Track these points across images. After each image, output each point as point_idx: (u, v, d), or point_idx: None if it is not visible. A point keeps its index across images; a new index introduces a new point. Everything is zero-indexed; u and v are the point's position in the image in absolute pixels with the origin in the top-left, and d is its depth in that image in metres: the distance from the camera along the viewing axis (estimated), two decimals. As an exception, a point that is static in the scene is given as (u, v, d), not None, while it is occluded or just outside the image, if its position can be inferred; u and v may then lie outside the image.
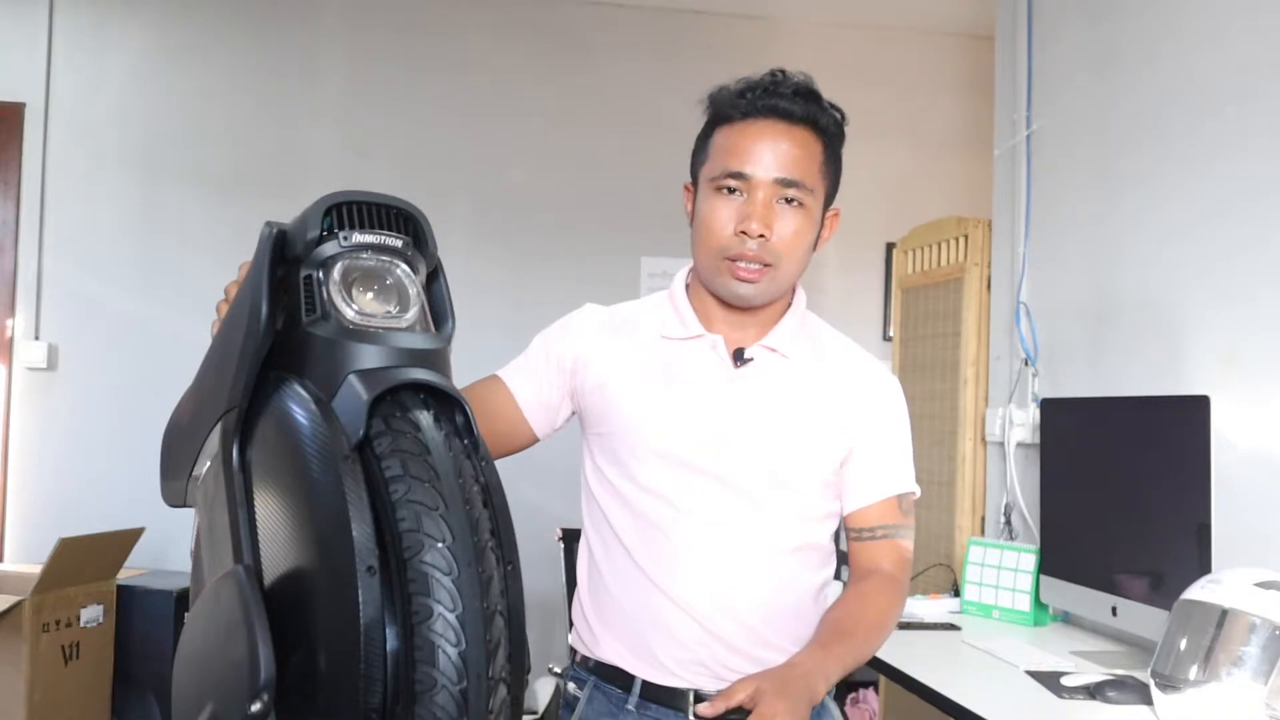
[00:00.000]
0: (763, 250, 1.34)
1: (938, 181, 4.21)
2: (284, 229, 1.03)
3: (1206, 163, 2.23)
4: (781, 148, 1.35)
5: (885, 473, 1.44)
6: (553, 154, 4.17)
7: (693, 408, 1.38)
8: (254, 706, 0.88)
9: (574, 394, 1.45)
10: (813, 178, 1.37)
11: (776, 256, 1.35)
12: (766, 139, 1.35)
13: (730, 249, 1.35)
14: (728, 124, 1.38)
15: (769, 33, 4.28)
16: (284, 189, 3.89)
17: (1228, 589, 1.74)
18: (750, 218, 1.33)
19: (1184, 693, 1.73)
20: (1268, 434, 2.03)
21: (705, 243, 1.38)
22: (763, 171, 1.34)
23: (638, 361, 1.42)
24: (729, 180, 1.35)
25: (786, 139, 1.36)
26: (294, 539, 0.94)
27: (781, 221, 1.35)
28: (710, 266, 1.38)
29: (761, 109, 1.36)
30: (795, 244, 1.36)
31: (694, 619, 1.35)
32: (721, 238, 1.35)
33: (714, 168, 1.37)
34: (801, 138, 1.36)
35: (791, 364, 1.42)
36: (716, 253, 1.36)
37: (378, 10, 4.12)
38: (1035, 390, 2.76)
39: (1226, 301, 2.16)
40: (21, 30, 3.88)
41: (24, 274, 3.85)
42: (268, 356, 1.01)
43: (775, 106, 1.36)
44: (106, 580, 3.31)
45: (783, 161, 1.35)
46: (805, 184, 1.36)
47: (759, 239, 1.33)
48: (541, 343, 1.48)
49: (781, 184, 1.34)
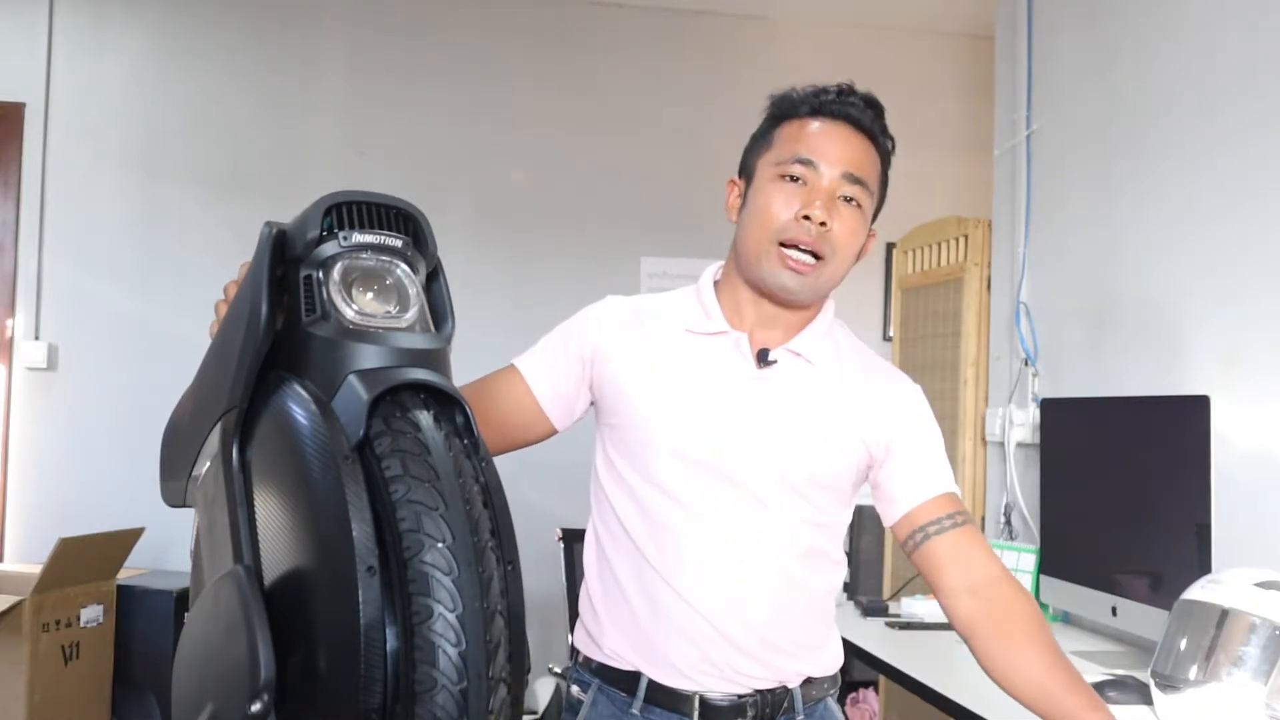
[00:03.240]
0: (820, 240, 1.34)
1: (938, 181, 4.21)
2: (284, 229, 1.03)
3: (1206, 163, 2.23)
4: (851, 146, 1.37)
5: (938, 469, 1.42)
6: (553, 154, 4.17)
7: (710, 406, 1.36)
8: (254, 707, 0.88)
9: (592, 384, 1.44)
10: (874, 182, 1.39)
11: (832, 249, 1.35)
12: (837, 135, 1.37)
13: (788, 231, 1.34)
14: (796, 119, 1.39)
15: (769, 33, 4.28)
16: (284, 189, 3.89)
17: (1228, 589, 1.74)
18: (814, 204, 1.33)
19: (1184, 693, 1.73)
20: (1268, 434, 2.03)
21: (762, 226, 1.36)
22: (831, 163, 1.35)
23: (658, 355, 1.40)
24: (796, 167, 1.35)
25: (856, 142, 1.37)
26: (294, 539, 0.94)
27: (840, 218, 1.35)
28: (759, 253, 1.36)
29: (833, 110, 1.38)
30: (849, 242, 1.37)
31: (704, 619, 1.34)
32: (781, 220, 1.34)
33: (780, 154, 1.37)
34: (867, 146, 1.38)
35: (815, 370, 1.40)
36: (773, 235, 1.35)
37: (378, 10, 4.12)
38: (1035, 390, 2.76)
39: (1226, 301, 2.16)
40: (21, 30, 3.88)
41: (24, 274, 3.85)
42: (268, 356, 1.01)
43: (847, 112, 1.38)
44: (106, 580, 3.31)
45: (851, 157, 1.36)
46: (868, 185, 1.37)
47: (820, 226, 1.33)
48: (561, 334, 1.46)
49: (848, 179, 1.35)
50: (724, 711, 1.35)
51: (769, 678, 1.37)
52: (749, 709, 1.36)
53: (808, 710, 1.40)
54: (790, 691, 1.38)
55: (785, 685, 1.38)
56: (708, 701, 1.35)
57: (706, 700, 1.35)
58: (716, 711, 1.35)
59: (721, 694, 1.35)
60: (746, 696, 1.36)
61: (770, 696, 1.37)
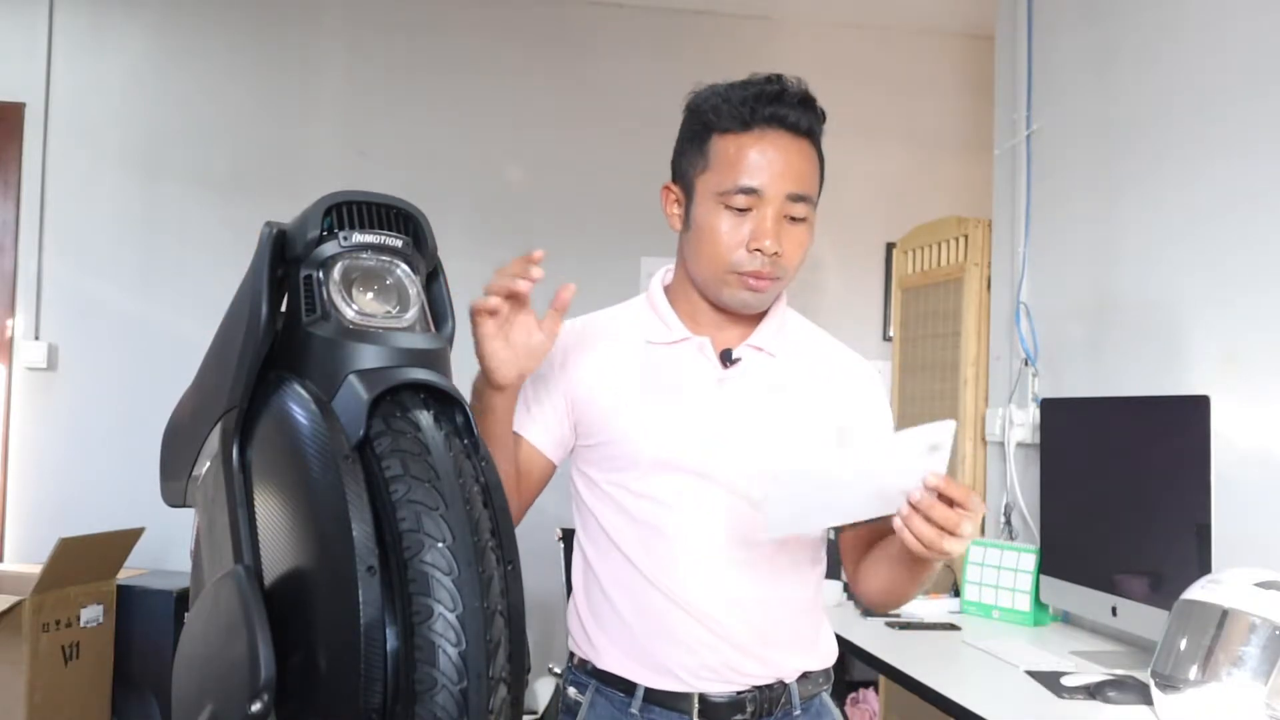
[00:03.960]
0: (774, 266, 1.35)
1: (938, 181, 4.20)
2: (284, 229, 1.03)
3: (1206, 163, 2.23)
4: (792, 161, 1.34)
5: None
6: (553, 154, 4.17)
7: (685, 412, 1.38)
8: (254, 706, 0.88)
9: (570, 412, 1.43)
10: (815, 190, 1.38)
11: (784, 270, 1.36)
12: (777, 153, 1.33)
13: (742, 265, 1.34)
14: (730, 133, 1.35)
15: (769, 33, 4.28)
16: (284, 189, 3.88)
17: (1228, 589, 1.74)
18: (764, 235, 1.32)
19: (1184, 693, 1.73)
20: (1268, 434, 2.03)
21: (713, 259, 1.36)
22: (775, 187, 1.33)
23: (624, 370, 1.41)
24: (740, 198, 1.33)
25: (795, 152, 1.34)
26: (294, 539, 0.94)
27: (789, 239, 1.35)
28: (715, 278, 1.37)
29: (768, 118, 1.34)
30: (800, 256, 1.38)
31: (700, 623, 1.35)
32: (733, 255, 1.34)
33: (722, 181, 1.34)
34: (806, 150, 1.36)
35: (778, 362, 1.43)
36: (726, 267, 1.35)
37: (378, 10, 4.12)
38: (1035, 390, 2.76)
39: (1226, 301, 2.16)
40: (21, 30, 3.88)
41: (24, 274, 3.84)
42: (268, 356, 1.01)
43: (783, 118, 1.34)
44: (106, 580, 3.31)
45: (794, 176, 1.34)
46: (811, 197, 1.36)
47: (773, 256, 1.34)
48: (530, 381, 1.42)
49: (792, 199, 1.34)
50: (723, 708, 1.36)
51: (767, 674, 1.38)
52: (748, 704, 1.37)
53: (804, 705, 1.42)
54: (788, 686, 1.40)
55: (782, 680, 1.39)
56: (707, 699, 1.36)
57: (706, 698, 1.36)
58: (716, 708, 1.36)
59: (720, 692, 1.36)
60: (745, 692, 1.37)
61: (768, 692, 1.38)
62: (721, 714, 1.36)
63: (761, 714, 1.38)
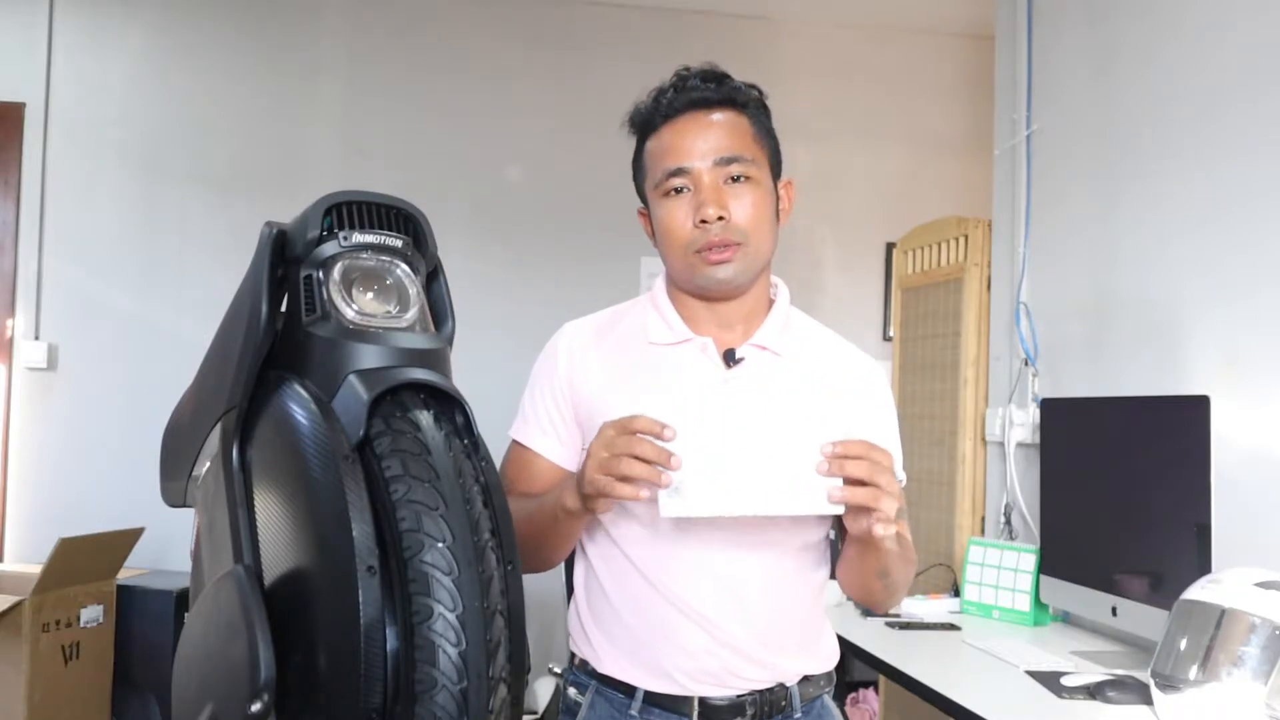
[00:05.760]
0: (727, 232, 1.35)
1: (938, 181, 4.20)
2: (284, 229, 1.03)
3: (1206, 163, 2.23)
4: (710, 131, 1.37)
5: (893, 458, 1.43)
6: (553, 154, 4.17)
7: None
8: (254, 706, 0.88)
9: (576, 413, 1.44)
10: (749, 148, 1.38)
11: (743, 234, 1.36)
12: (693, 129, 1.37)
13: (696, 242, 1.36)
14: (653, 133, 1.41)
15: (769, 33, 4.28)
16: (284, 189, 3.89)
17: (1228, 589, 1.74)
18: (704, 204, 1.34)
19: (1184, 693, 1.73)
20: (1268, 434, 2.03)
21: (672, 246, 1.38)
22: (700, 159, 1.36)
23: (629, 371, 1.41)
24: (673, 180, 1.37)
25: (712, 123, 1.38)
26: (294, 539, 0.94)
27: (735, 200, 1.36)
28: (683, 266, 1.39)
29: (679, 106, 1.39)
30: (756, 216, 1.37)
31: (702, 627, 1.34)
32: (684, 235, 1.37)
33: (655, 175, 1.39)
34: (725, 117, 1.39)
35: (783, 361, 1.42)
36: (684, 250, 1.37)
37: (378, 10, 4.12)
38: (1035, 390, 2.76)
39: (1226, 301, 2.16)
40: (21, 30, 3.88)
41: (24, 274, 3.84)
42: (268, 356, 1.01)
43: (691, 99, 1.38)
44: (106, 580, 3.31)
45: (715, 143, 1.36)
46: (744, 156, 1.37)
47: (719, 222, 1.34)
48: (531, 389, 1.46)
49: (722, 163, 1.36)
50: (723, 711, 1.36)
51: (767, 678, 1.38)
52: (748, 707, 1.37)
53: (805, 707, 1.41)
54: (788, 690, 1.39)
55: (783, 684, 1.39)
56: (707, 703, 1.35)
57: (705, 701, 1.35)
58: (715, 711, 1.36)
59: (719, 696, 1.36)
60: (745, 696, 1.37)
61: (769, 695, 1.38)
62: (721, 717, 1.36)
63: (762, 717, 1.37)
